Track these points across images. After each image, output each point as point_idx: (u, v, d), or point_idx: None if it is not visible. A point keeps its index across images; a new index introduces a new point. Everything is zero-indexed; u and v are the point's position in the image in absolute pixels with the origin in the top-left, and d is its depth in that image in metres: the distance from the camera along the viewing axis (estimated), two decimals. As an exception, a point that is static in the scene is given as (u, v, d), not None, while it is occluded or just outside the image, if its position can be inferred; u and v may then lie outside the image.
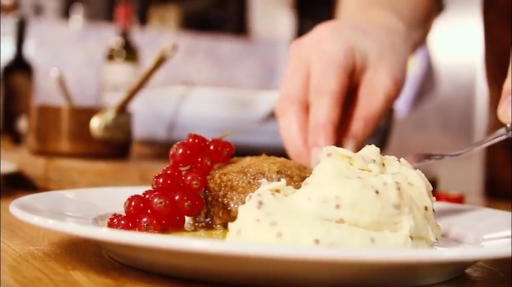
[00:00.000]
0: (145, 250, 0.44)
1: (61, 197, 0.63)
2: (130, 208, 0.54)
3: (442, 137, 3.23)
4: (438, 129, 3.25)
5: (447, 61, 3.15)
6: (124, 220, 0.54)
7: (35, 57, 3.05)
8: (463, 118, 3.11)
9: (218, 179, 0.57)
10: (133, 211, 0.54)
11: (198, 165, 0.58)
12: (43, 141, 1.10)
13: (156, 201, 0.54)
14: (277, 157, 0.61)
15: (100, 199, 0.63)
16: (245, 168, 0.57)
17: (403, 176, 0.53)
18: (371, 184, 0.49)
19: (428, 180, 0.54)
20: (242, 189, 0.56)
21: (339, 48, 0.81)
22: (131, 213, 0.54)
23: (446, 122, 3.20)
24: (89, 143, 1.08)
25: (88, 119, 1.08)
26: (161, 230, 0.54)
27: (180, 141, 0.58)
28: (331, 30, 0.85)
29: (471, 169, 2.93)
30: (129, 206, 0.54)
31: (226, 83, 4.81)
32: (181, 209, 0.55)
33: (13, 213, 0.50)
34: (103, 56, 2.15)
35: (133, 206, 0.54)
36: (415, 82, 2.90)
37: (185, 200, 0.55)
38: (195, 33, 4.93)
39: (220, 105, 1.05)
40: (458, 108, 3.13)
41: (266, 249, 0.39)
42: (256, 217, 0.46)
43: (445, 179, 1.25)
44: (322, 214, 0.47)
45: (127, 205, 0.54)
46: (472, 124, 3.06)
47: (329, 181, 0.49)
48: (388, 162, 0.54)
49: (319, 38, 0.85)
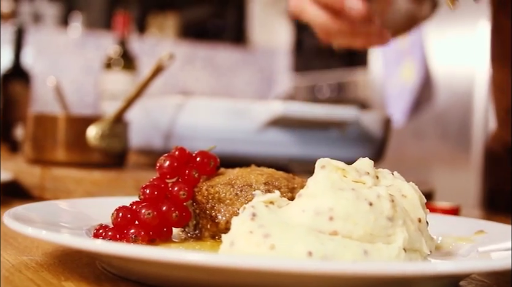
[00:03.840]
0: (139, 262, 0.44)
1: (55, 207, 0.63)
2: (117, 219, 0.54)
3: (440, 146, 3.23)
4: (435, 138, 3.25)
5: (445, 70, 3.15)
6: (112, 231, 0.53)
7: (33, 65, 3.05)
8: (461, 127, 3.11)
9: (206, 192, 0.57)
10: (120, 222, 0.54)
11: (185, 177, 0.58)
12: (39, 150, 1.10)
13: (144, 212, 0.54)
14: (265, 169, 0.61)
15: (94, 210, 0.63)
16: (233, 180, 0.57)
17: (396, 189, 0.53)
18: (365, 196, 0.49)
19: (424, 192, 0.54)
20: (230, 201, 0.56)
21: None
22: (119, 224, 0.54)
23: (443, 131, 3.20)
24: (86, 152, 1.08)
25: (85, 128, 1.08)
26: (148, 242, 0.54)
27: (166, 154, 0.58)
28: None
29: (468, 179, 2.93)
30: (116, 217, 0.54)
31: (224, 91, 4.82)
32: (169, 220, 0.55)
33: (6, 223, 0.50)
34: (101, 64, 2.16)
35: (120, 217, 0.54)
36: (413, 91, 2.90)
37: (172, 211, 0.55)
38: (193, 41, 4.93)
39: (216, 115, 1.05)
40: (456, 118, 3.14)
41: (259, 261, 0.39)
42: (250, 229, 0.46)
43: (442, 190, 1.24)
44: (316, 226, 0.47)
45: (114, 216, 0.54)
46: (470, 133, 3.06)
47: (323, 193, 0.49)
48: (382, 175, 0.54)
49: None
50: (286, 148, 1.07)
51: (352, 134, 1.12)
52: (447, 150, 3.20)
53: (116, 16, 2.09)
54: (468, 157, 3.04)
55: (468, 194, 2.79)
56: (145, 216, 0.53)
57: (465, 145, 3.07)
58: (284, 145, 1.07)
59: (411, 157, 3.35)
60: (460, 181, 3.03)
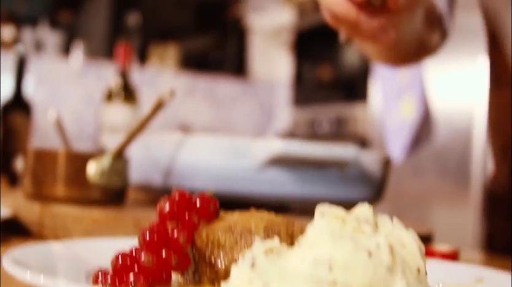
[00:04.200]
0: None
1: (54, 250, 0.63)
2: (116, 265, 0.54)
3: (439, 183, 3.23)
4: (434, 175, 3.25)
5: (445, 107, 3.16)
6: (111, 277, 0.53)
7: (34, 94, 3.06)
8: (460, 164, 3.12)
9: (205, 238, 0.57)
10: (120, 268, 0.54)
11: (185, 221, 0.58)
12: (39, 186, 1.10)
13: (144, 257, 0.54)
14: (265, 213, 0.61)
15: (94, 252, 0.63)
16: (232, 226, 0.57)
17: (396, 237, 0.53)
18: (364, 245, 0.49)
19: (423, 233, 0.54)
20: (229, 247, 0.56)
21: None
22: (118, 270, 0.54)
23: (442, 169, 3.21)
24: (85, 189, 1.08)
25: (85, 164, 1.08)
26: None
27: (166, 198, 0.59)
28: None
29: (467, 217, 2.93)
30: (116, 263, 0.54)
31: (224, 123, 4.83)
32: (169, 265, 0.55)
33: (6, 268, 0.50)
34: (102, 95, 2.16)
35: (120, 263, 0.54)
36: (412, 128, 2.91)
37: (172, 256, 0.55)
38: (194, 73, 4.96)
39: (216, 153, 1.06)
40: (455, 155, 3.14)
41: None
42: (249, 278, 0.46)
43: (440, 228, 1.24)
44: (315, 276, 0.47)
45: (114, 262, 0.54)
46: (469, 170, 3.06)
47: (322, 242, 0.49)
48: (381, 223, 0.54)
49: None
50: (285, 187, 1.07)
51: (352, 174, 1.12)
52: (446, 187, 3.20)
53: (118, 47, 2.11)
54: (467, 195, 3.04)
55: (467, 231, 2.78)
56: (144, 262, 0.53)
57: (464, 182, 3.07)
58: (283, 184, 1.07)
59: (409, 193, 3.35)
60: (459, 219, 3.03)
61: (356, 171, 1.13)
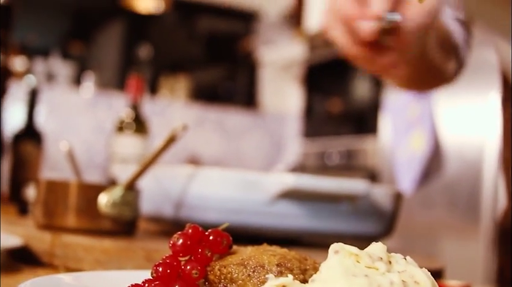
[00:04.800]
0: None
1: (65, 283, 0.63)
2: None
3: (449, 216, 3.22)
4: (444, 208, 3.24)
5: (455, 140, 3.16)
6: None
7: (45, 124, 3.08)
8: (470, 197, 3.11)
9: (218, 272, 0.57)
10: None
11: (198, 255, 0.58)
12: (50, 216, 1.10)
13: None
14: (277, 248, 0.61)
15: (105, 284, 0.63)
16: (245, 261, 0.57)
17: (409, 275, 0.52)
18: (378, 282, 0.49)
19: (434, 269, 0.54)
20: (242, 281, 0.56)
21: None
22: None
23: (452, 201, 3.20)
24: (97, 219, 1.08)
25: (96, 195, 1.08)
26: None
27: (180, 232, 0.59)
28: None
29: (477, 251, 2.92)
30: None
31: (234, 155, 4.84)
32: None
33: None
34: (112, 125, 2.17)
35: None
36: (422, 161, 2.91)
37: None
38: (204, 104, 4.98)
39: (227, 186, 1.06)
40: (465, 188, 3.13)
41: None
42: (262, 314, 0.46)
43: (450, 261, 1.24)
44: (328, 313, 0.47)
45: None
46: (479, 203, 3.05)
47: (336, 279, 0.49)
48: (395, 260, 0.54)
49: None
50: (296, 220, 1.07)
51: (363, 208, 1.12)
52: (456, 220, 3.19)
53: (130, 79, 2.12)
54: (477, 228, 3.02)
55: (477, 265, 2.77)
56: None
57: (474, 215, 3.06)
58: (294, 217, 1.07)
59: (419, 226, 3.34)
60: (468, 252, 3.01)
61: (368, 205, 1.12)
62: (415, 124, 3.08)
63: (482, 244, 2.92)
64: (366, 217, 1.13)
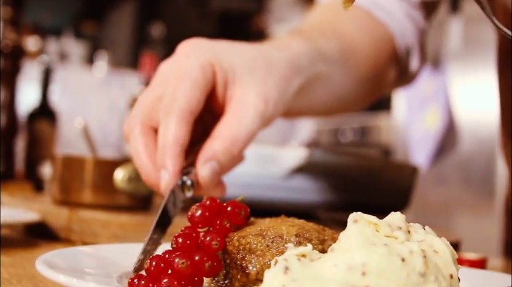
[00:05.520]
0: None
1: (85, 254, 0.63)
2: (151, 268, 0.54)
3: (463, 192, 3.22)
4: (459, 184, 3.23)
5: (469, 116, 3.15)
6: (145, 280, 0.53)
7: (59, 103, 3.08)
8: (484, 173, 3.10)
9: (237, 242, 0.57)
10: (154, 271, 0.54)
11: (217, 226, 0.58)
12: (66, 192, 1.10)
13: (178, 261, 0.54)
14: (295, 219, 0.61)
15: (123, 256, 0.63)
16: (264, 231, 0.57)
17: (428, 244, 0.52)
18: (397, 251, 0.49)
19: (450, 242, 0.54)
20: (261, 252, 0.56)
21: (196, 63, 0.78)
22: (152, 273, 0.54)
23: (467, 177, 3.19)
24: (113, 195, 1.08)
25: (112, 171, 1.08)
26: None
27: (198, 203, 0.59)
28: (191, 47, 0.83)
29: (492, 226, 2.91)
30: (149, 266, 0.54)
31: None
32: (201, 270, 0.55)
33: (40, 270, 0.50)
34: (126, 103, 2.17)
35: (154, 266, 0.54)
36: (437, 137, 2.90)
37: (205, 261, 0.55)
38: (217, 82, 4.96)
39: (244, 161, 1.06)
40: (479, 164, 3.12)
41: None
42: (282, 282, 0.46)
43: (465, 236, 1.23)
44: (348, 281, 0.47)
45: (147, 265, 0.54)
46: (494, 179, 3.04)
47: (356, 247, 0.49)
48: (414, 230, 0.54)
49: (178, 56, 0.82)
50: (312, 194, 1.07)
51: (379, 182, 1.12)
52: (470, 196, 3.18)
53: (144, 57, 2.12)
54: (492, 204, 3.02)
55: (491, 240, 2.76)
56: (179, 266, 0.53)
57: (489, 191, 3.05)
58: (310, 191, 1.07)
59: (433, 202, 3.33)
60: (483, 228, 3.01)
61: (383, 179, 1.12)
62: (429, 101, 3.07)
63: (496, 221, 2.92)
64: (382, 191, 1.13)
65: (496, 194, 3.01)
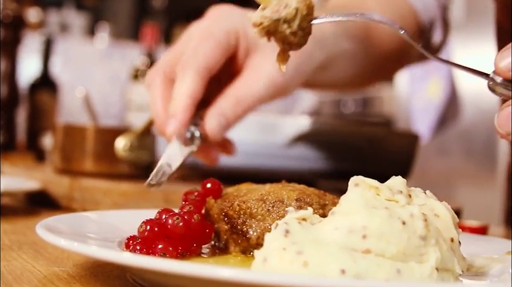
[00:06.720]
0: (171, 276, 0.44)
1: (86, 219, 0.63)
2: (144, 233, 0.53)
3: (465, 163, 3.21)
4: (461, 155, 3.23)
5: (471, 87, 3.13)
6: (140, 245, 0.53)
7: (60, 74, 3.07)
8: (486, 144, 3.09)
9: (237, 207, 0.57)
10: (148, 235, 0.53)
11: None
12: (67, 160, 1.10)
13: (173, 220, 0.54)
14: (296, 185, 0.60)
15: (124, 221, 0.63)
16: (264, 196, 0.57)
17: (429, 208, 0.52)
18: (398, 215, 0.49)
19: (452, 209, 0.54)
20: (261, 216, 0.56)
21: (223, 27, 0.81)
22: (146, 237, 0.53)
23: (469, 148, 3.18)
24: (114, 163, 1.08)
25: (113, 140, 1.08)
26: (178, 256, 0.53)
27: None
28: (221, 12, 0.86)
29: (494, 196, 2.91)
30: (143, 230, 0.54)
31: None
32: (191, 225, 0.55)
33: (40, 234, 0.50)
34: (127, 75, 2.17)
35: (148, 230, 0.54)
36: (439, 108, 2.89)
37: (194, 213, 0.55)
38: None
39: (245, 130, 1.05)
40: (481, 135, 3.12)
41: (292, 279, 0.39)
42: (283, 245, 0.46)
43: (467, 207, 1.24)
44: (349, 244, 0.47)
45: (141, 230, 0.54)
46: (495, 150, 3.03)
47: (357, 211, 0.48)
48: (415, 194, 0.54)
49: (207, 19, 0.85)
50: (313, 163, 1.07)
51: (380, 150, 1.11)
52: (472, 167, 3.18)
53: (145, 27, 2.11)
54: (494, 175, 3.02)
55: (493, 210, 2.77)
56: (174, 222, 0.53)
57: (491, 162, 3.05)
58: (311, 160, 1.07)
59: (435, 173, 3.33)
60: (485, 198, 3.01)
61: (385, 147, 1.12)
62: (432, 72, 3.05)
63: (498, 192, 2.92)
64: (383, 159, 1.12)
65: (498, 165, 3.01)
